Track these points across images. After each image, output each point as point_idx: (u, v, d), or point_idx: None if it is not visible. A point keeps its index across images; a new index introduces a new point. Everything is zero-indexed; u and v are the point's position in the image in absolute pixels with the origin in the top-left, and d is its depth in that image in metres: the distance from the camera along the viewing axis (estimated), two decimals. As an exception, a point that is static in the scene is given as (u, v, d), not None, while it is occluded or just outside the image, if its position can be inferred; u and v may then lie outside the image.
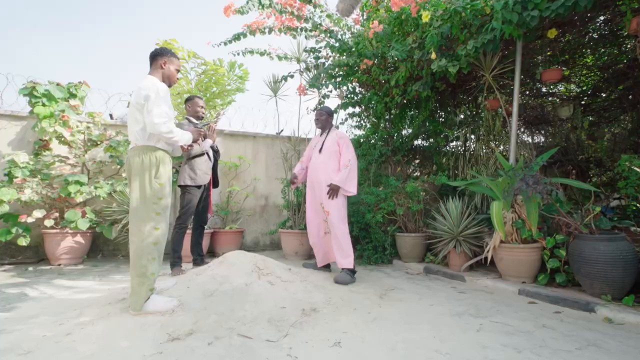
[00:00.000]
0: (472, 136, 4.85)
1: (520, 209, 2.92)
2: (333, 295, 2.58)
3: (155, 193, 2.20)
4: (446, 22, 3.21)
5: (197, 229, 3.46)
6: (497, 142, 4.26)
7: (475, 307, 2.45)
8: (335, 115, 3.74)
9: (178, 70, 2.52)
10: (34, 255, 4.41)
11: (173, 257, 3.12)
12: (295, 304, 2.29)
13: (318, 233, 3.41)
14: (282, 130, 5.89)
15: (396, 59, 3.88)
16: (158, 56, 2.41)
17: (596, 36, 4.36)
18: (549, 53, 4.47)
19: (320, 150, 3.42)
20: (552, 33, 3.54)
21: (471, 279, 3.26)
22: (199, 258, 3.48)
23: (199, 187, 3.23)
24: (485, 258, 3.19)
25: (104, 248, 4.76)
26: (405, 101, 4.55)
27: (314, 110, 5.27)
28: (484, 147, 4.28)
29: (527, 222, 2.87)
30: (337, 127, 4.42)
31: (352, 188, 3.22)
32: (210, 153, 3.37)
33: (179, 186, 3.22)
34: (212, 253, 4.90)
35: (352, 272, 3.16)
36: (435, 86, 4.38)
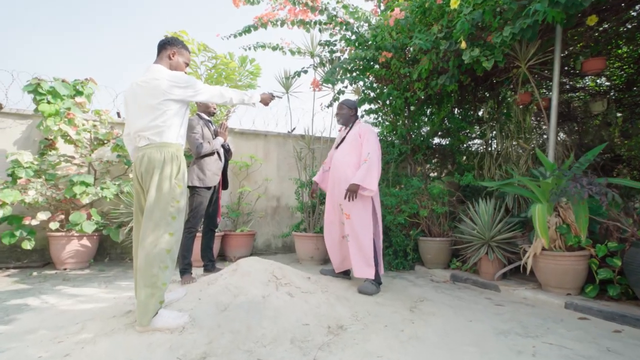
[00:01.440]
0: (492, 133, 4.55)
1: (564, 213, 2.63)
2: (359, 309, 2.33)
3: (173, 194, 1.99)
4: (479, 8, 2.93)
5: (207, 233, 3.24)
6: (528, 140, 3.96)
7: (521, 324, 2.18)
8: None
9: (187, 64, 2.30)
10: (39, 259, 4.25)
11: (182, 264, 2.91)
12: (319, 320, 2.05)
13: (334, 236, 3.16)
14: (294, 129, 5.63)
15: (419, 49, 3.62)
16: (167, 45, 2.19)
17: (635, 24, 4.02)
18: (579, 45, 4.16)
19: (338, 146, 3.17)
20: (592, 20, 3.24)
21: (506, 289, 2.97)
22: (210, 264, 3.27)
23: (208, 188, 3.00)
24: (522, 265, 2.90)
25: (112, 251, 4.58)
26: (425, 96, 4.27)
27: (328, 107, 5.03)
28: (513, 145, 3.98)
29: (573, 227, 2.58)
30: (362, 118, 4.07)
31: (371, 185, 2.80)
32: (221, 152, 3.14)
33: (187, 187, 3.00)
34: (223, 256, 4.69)
35: (377, 282, 2.91)
36: (459, 80, 4.10)
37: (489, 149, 4.38)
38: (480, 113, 5.41)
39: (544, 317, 2.33)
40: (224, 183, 3.25)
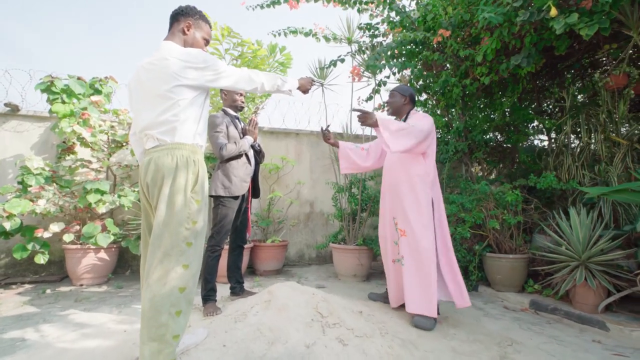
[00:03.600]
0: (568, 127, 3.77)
1: None
2: (435, 364, 1.73)
3: (188, 212, 1.49)
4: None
5: (234, 250, 2.74)
6: (622, 134, 3.19)
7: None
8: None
9: (207, 41, 1.79)
10: (58, 271, 3.94)
11: (205, 289, 2.42)
12: (388, 388, 1.47)
13: (387, 259, 2.57)
14: (328, 126, 5.10)
15: (486, 25, 2.96)
16: (180, 16, 1.69)
17: None
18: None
19: None
20: None
21: (618, 328, 2.26)
22: (238, 286, 2.77)
23: (235, 197, 2.50)
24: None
25: (133, 263, 4.21)
26: (484, 83, 3.57)
27: (367, 100, 4.44)
28: (601, 140, 3.22)
29: None
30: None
31: (387, 135, 2.17)
32: (251, 154, 2.63)
33: (210, 196, 2.51)
34: (252, 269, 4.20)
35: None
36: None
37: (569, 145, 3.61)
38: (543, 103, 4.64)
39: None
40: (255, 190, 2.74)
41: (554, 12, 2.38)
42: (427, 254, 2.29)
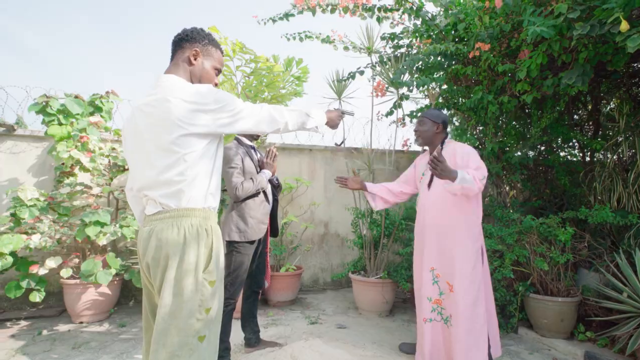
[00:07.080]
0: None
1: None
2: None
3: (201, 298, 1.18)
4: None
5: (249, 297, 2.42)
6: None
7: None
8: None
9: (219, 71, 1.45)
10: (57, 302, 3.66)
11: (219, 349, 2.10)
12: None
13: (420, 315, 2.22)
14: (344, 141, 4.76)
15: (532, 39, 2.60)
16: (185, 42, 1.36)
17: None
18: None
19: (430, 183, 2.25)
20: None
21: None
22: (254, 337, 2.45)
23: (251, 242, 2.18)
24: None
25: (137, 293, 3.92)
26: (526, 101, 3.22)
27: (387, 115, 4.10)
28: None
29: None
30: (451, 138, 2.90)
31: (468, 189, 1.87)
32: (269, 190, 2.31)
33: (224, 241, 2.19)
34: (264, 298, 3.90)
35: None
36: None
37: (616, 168, 3.25)
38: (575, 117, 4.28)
39: None
40: (273, 230, 2.42)
41: (624, 26, 2.02)
42: (480, 311, 1.97)
